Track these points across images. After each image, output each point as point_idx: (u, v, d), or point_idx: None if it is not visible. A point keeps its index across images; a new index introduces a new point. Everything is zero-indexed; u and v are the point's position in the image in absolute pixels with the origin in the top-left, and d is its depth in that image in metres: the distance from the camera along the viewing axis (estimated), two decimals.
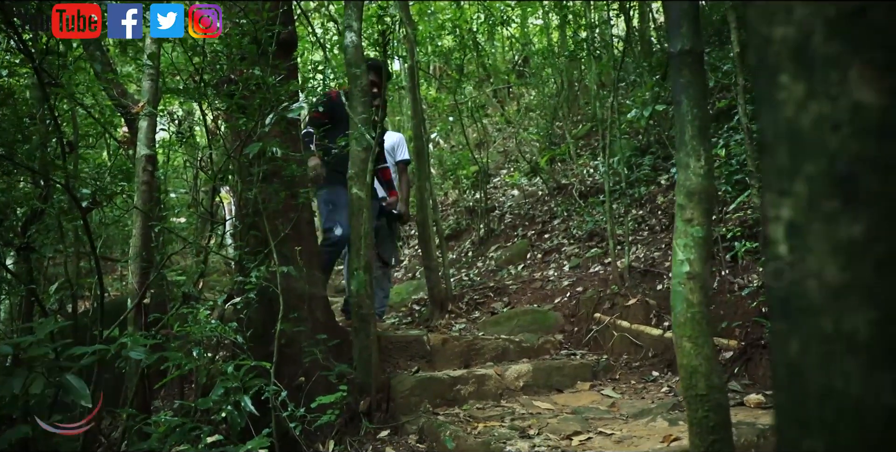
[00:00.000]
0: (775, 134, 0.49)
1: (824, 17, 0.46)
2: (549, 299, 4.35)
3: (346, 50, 3.27)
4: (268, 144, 2.50)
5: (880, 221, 0.43)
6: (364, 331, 3.13)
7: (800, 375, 0.47)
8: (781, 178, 0.49)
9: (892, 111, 0.44)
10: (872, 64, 0.44)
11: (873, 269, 0.43)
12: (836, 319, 0.45)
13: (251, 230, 3.09)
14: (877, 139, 0.44)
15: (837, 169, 0.45)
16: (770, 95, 0.50)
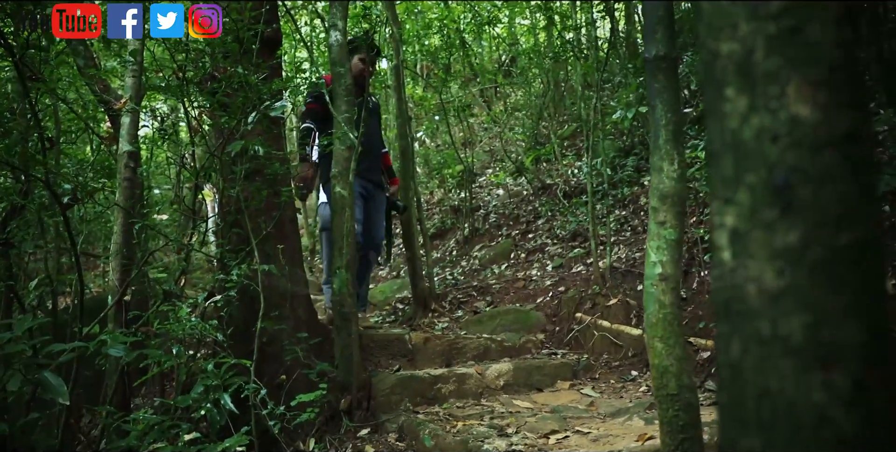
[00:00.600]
0: (721, 144, 0.51)
1: (765, 34, 0.48)
2: (531, 298, 4.38)
3: (331, 49, 3.27)
4: (250, 143, 2.50)
5: (814, 229, 0.46)
6: (346, 329, 3.14)
7: (740, 376, 0.49)
8: (726, 187, 0.51)
9: (825, 125, 0.46)
10: (808, 79, 0.47)
11: (807, 275, 0.46)
12: (773, 322, 0.47)
13: (233, 228, 3.09)
14: (811, 152, 0.46)
15: (776, 179, 0.47)
16: (717, 107, 0.52)
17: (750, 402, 0.48)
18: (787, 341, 0.46)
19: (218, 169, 2.70)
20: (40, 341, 2.19)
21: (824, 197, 0.45)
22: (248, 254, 2.88)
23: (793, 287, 0.46)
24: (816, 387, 0.45)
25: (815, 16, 0.47)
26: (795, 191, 0.46)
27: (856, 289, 0.45)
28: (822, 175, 0.45)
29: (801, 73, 0.47)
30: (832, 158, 0.46)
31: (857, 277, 0.45)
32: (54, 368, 2.10)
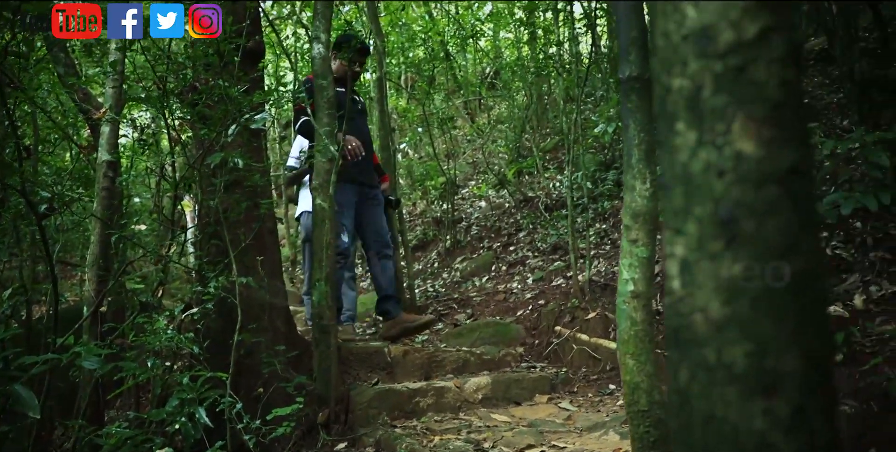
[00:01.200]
0: (672, 177, 0.53)
1: (713, 72, 0.50)
2: (511, 311, 4.40)
3: (314, 61, 3.28)
4: (230, 155, 2.50)
5: (756, 261, 0.47)
6: (324, 342, 3.13)
7: (688, 402, 0.50)
8: (677, 218, 0.52)
9: (769, 161, 0.48)
10: (753, 117, 0.49)
11: (750, 305, 0.47)
12: (719, 351, 0.48)
13: (212, 239, 3.07)
14: (755, 186, 0.48)
15: (721, 213, 0.49)
16: (669, 141, 0.54)
17: (697, 427, 0.50)
18: (731, 368, 0.48)
19: (195, 180, 2.69)
20: (13, 352, 2.16)
21: (767, 230, 0.47)
22: (227, 266, 2.87)
23: (736, 317, 0.48)
24: (758, 414, 0.46)
25: (759, 56, 0.49)
26: (740, 224, 0.48)
27: (796, 319, 0.46)
28: (764, 209, 0.47)
29: (746, 110, 0.49)
30: (775, 193, 0.47)
31: (797, 307, 0.47)
32: (26, 380, 2.07)
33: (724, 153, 0.49)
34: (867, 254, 3.06)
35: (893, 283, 2.82)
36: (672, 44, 0.54)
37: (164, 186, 3.40)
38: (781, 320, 0.46)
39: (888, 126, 3.35)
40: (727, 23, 0.50)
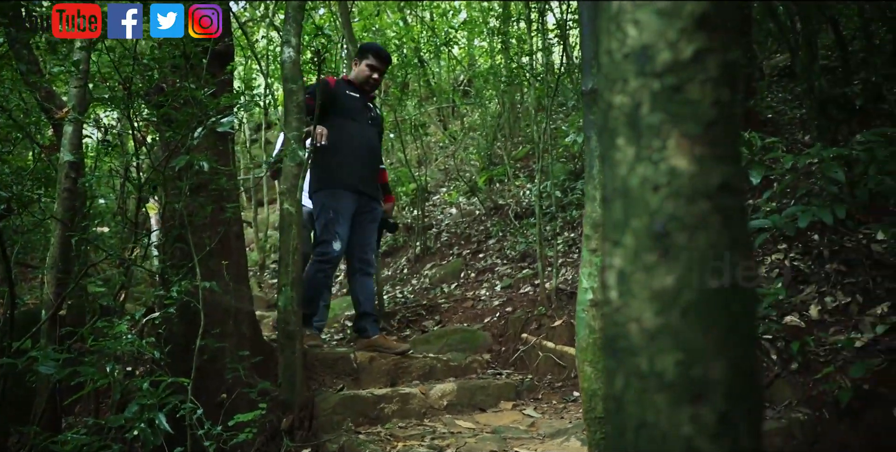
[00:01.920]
0: (612, 190, 0.55)
1: (650, 90, 0.52)
2: (479, 318, 4.41)
3: (284, 65, 3.27)
4: (195, 158, 2.48)
5: (687, 273, 0.49)
6: (290, 348, 3.11)
7: (622, 408, 0.52)
8: (616, 230, 0.54)
9: (701, 177, 0.50)
10: (687, 134, 0.51)
11: (680, 315, 0.49)
12: (651, 359, 0.50)
13: (176, 243, 3.04)
14: (687, 202, 0.50)
15: (656, 226, 0.51)
16: (610, 155, 0.56)
17: (630, 433, 0.51)
18: (661, 376, 0.49)
19: (159, 183, 2.66)
20: None
21: (698, 244, 0.49)
22: (191, 270, 2.83)
23: (667, 327, 0.49)
24: (686, 420, 0.48)
25: (694, 76, 0.51)
26: (672, 237, 0.50)
27: (724, 330, 0.48)
28: (696, 223, 0.49)
29: (681, 128, 0.51)
30: (706, 208, 0.49)
31: (725, 318, 0.49)
32: None
33: (659, 169, 0.51)
34: (823, 266, 3.14)
35: (847, 294, 2.90)
36: (614, 61, 0.55)
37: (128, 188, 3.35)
38: (710, 330, 0.48)
39: (845, 142, 3.46)
40: (665, 43, 0.52)
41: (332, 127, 3.69)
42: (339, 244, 3.61)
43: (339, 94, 3.77)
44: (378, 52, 3.88)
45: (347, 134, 3.75)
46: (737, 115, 0.53)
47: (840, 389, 2.42)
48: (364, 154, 3.79)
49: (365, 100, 3.90)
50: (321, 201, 3.70)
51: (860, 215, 3.25)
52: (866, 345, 2.59)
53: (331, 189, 3.67)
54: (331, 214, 3.63)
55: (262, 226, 8.39)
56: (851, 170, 3.04)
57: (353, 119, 3.79)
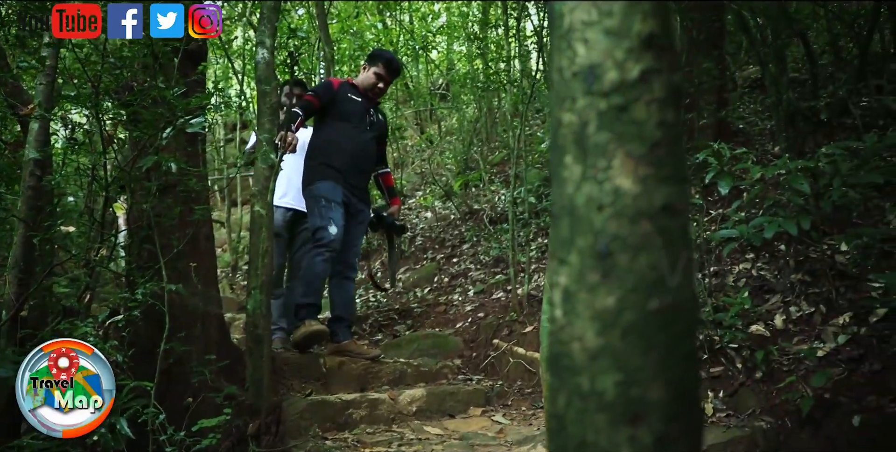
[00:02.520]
0: (560, 208, 0.55)
1: (597, 109, 0.52)
2: (451, 323, 4.41)
3: (258, 66, 3.24)
4: (163, 158, 2.44)
5: (628, 294, 0.49)
6: (258, 351, 3.06)
7: (564, 427, 0.52)
8: (562, 248, 0.54)
9: (644, 197, 0.50)
10: (632, 154, 0.51)
11: (621, 336, 0.49)
12: (592, 379, 0.50)
13: (144, 244, 2.99)
14: (630, 222, 0.50)
15: (599, 246, 0.51)
16: (559, 173, 0.56)
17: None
18: (602, 396, 0.49)
19: (126, 183, 2.62)
20: None
21: (639, 265, 0.49)
22: (157, 272, 2.79)
23: (608, 347, 0.49)
24: (624, 441, 0.48)
25: (640, 96, 0.51)
26: (615, 258, 0.50)
27: (663, 351, 0.48)
28: (638, 244, 0.49)
29: (626, 148, 0.51)
30: (648, 229, 0.50)
31: (664, 340, 0.49)
32: None
33: (604, 188, 0.51)
34: (789, 276, 3.20)
35: (811, 304, 2.95)
36: (564, 79, 0.56)
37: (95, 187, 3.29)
38: (649, 351, 0.48)
39: (811, 154, 3.52)
40: (613, 63, 0.52)
41: (328, 128, 3.75)
42: (335, 229, 3.54)
43: (340, 96, 3.78)
44: (389, 62, 3.87)
45: (341, 137, 3.76)
46: (681, 136, 0.53)
47: (802, 398, 2.46)
48: (354, 158, 3.77)
49: (366, 105, 3.88)
50: (313, 193, 3.67)
51: (825, 226, 3.31)
52: (828, 355, 2.64)
53: (326, 182, 3.66)
54: (323, 202, 3.60)
55: (235, 227, 8.30)
56: (817, 182, 3.09)
57: (349, 122, 3.79)
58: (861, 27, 4.61)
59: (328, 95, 3.73)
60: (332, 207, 3.59)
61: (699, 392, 0.49)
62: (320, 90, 3.76)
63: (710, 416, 2.66)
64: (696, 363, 0.50)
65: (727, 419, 2.63)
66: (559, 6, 0.57)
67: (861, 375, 2.52)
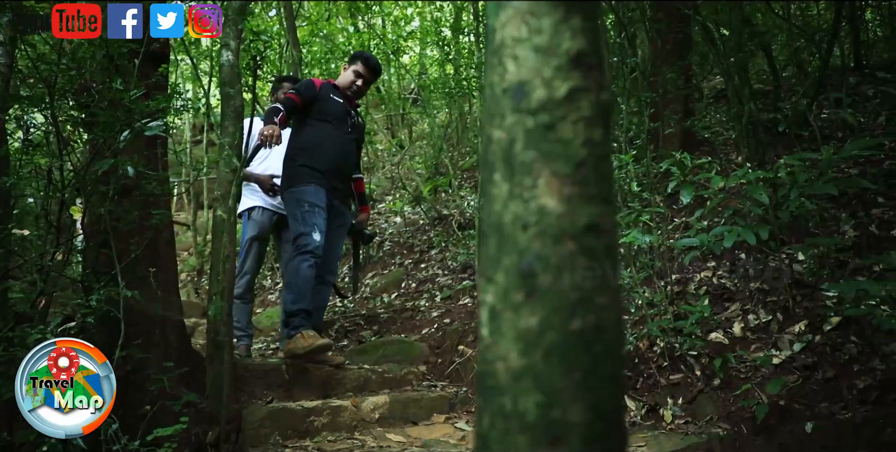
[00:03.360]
0: (489, 225, 0.55)
1: (524, 127, 0.52)
2: (417, 329, 4.39)
3: (222, 69, 3.19)
4: (120, 162, 2.39)
5: (551, 314, 0.49)
6: (218, 358, 3.02)
7: (487, 447, 0.51)
8: (490, 266, 0.54)
9: (568, 217, 0.50)
10: (557, 173, 0.51)
11: (542, 357, 0.49)
12: (514, 399, 0.49)
13: (101, 249, 2.92)
14: (553, 242, 0.50)
15: (523, 265, 0.50)
16: (488, 190, 0.55)
17: None
18: (523, 417, 0.49)
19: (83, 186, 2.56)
20: None
21: (562, 285, 0.49)
22: (113, 277, 2.73)
23: (531, 368, 0.49)
24: None
25: (567, 115, 0.51)
26: (538, 278, 0.49)
27: (585, 372, 0.48)
28: (561, 264, 0.49)
29: (552, 167, 0.51)
30: (571, 249, 0.49)
31: (587, 361, 0.48)
32: None
33: (529, 207, 0.51)
34: (748, 284, 3.25)
35: (769, 312, 3.01)
36: (495, 95, 0.55)
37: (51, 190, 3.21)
38: (570, 372, 0.48)
39: (771, 165, 3.59)
40: (541, 80, 0.52)
41: (309, 128, 3.66)
42: (318, 235, 3.43)
43: (322, 96, 3.70)
44: (367, 59, 3.81)
45: (323, 137, 3.67)
46: (609, 154, 0.53)
47: (757, 405, 2.50)
48: (336, 160, 3.68)
49: (347, 106, 3.79)
50: (295, 197, 3.55)
51: (783, 235, 3.38)
52: (784, 362, 2.69)
53: (308, 185, 3.55)
54: (306, 206, 3.48)
55: (201, 230, 8.17)
56: (776, 192, 3.15)
57: (331, 123, 3.70)
58: (822, 41, 4.73)
59: (309, 93, 3.65)
60: (315, 212, 3.48)
61: (622, 413, 0.49)
62: (302, 88, 3.68)
63: (668, 423, 2.69)
64: (620, 384, 0.50)
65: (685, 426, 2.66)
66: (492, 21, 0.57)
67: (815, 382, 2.57)
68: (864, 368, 2.53)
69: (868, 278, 2.91)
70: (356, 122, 3.86)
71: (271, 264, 7.21)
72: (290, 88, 3.99)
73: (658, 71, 4.73)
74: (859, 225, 3.32)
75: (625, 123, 3.81)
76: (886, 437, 2.20)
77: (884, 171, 3.86)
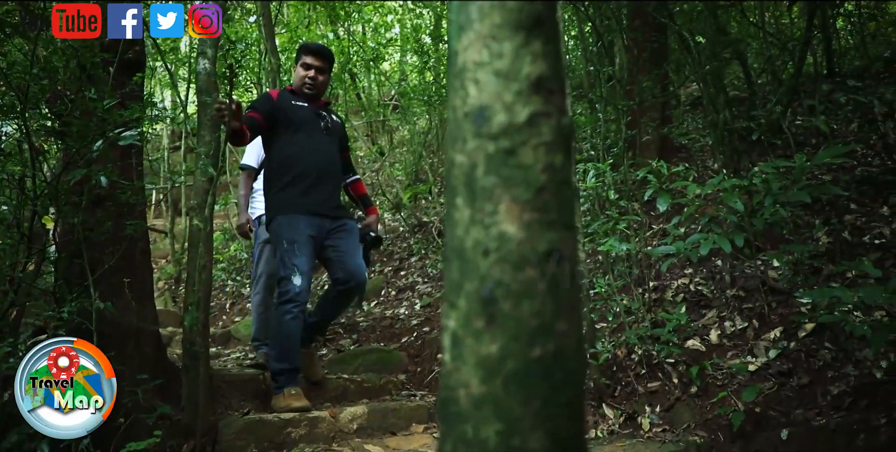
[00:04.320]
0: (451, 250, 0.54)
1: (485, 152, 0.52)
2: (396, 338, 4.38)
3: (198, 77, 3.17)
4: (93, 172, 2.36)
5: (510, 342, 0.49)
6: (194, 369, 2.98)
7: None
8: (452, 291, 0.53)
9: (528, 243, 0.50)
10: (517, 199, 0.50)
11: (502, 385, 0.48)
12: (476, 427, 0.49)
13: (74, 259, 2.88)
14: (514, 268, 0.49)
15: (484, 292, 0.50)
16: (451, 214, 0.55)
17: None
18: (484, 445, 0.48)
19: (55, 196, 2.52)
20: None
21: (522, 312, 0.49)
22: (86, 288, 2.68)
23: (491, 396, 0.49)
24: None
25: (528, 140, 0.51)
26: (499, 304, 0.49)
27: (544, 400, 0.48)
28: (521, 291, 0.49)
29: (512, 192, 0.50)
30: (532, 276, 0.49)
31: (546, 388, 0.48)
32: None
33: (490, 233, 0.51)
34: (725, 291, 3.28)
35: (745, 319, 3.04)
36: (457, 119, 0.55)
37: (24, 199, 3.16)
38: (530, 400, 0.48)
39: (746, 172, 3.64)
40: (502, 105, 0.52)
41: (279, 146, 3.28)
42: (299, 279, 3.07)
43: (281, 106, 3.29)
44: (306, 46, 3.41)
45: (294, 150, 3.27)
46: (570, 180, 0.53)
47: (734, 412, 2.52)
48: (318, 170, 3.26)
49: (314, 109, 3.37)
50: (274, 232, 3.21)
51: (759, 242, 3.42)
52: (759, 369, 2.71)
53: (284, 216, 3.17)
54: (285, 245, 3.12)
55: (179, 237, 8.08)
56: (751, 199, 3.19)
57: (300, 132, 3.29)
58: (794, 49, 4.81)
59: (267, 106, 3.25)
60: (294, 251, 3.10)
61: (582, 440, 0.49)
62: (257, 104, 3.29)
63: (646, 431, 2.70)
64: (580, 411, 0.50)
65: (663, 433, 2.68)
66: (454, 44, 0.57)
67: (790, 388, 2.59)
68: (838, 374, 2.56)
69: (841, 284, 2.96)
70: (329, 122, 3.43)
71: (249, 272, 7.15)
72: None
73: (635, 79, 4.77)
74: (833, 231, 3.37)
75: (602, 131, 3.84)
76: (860, 443, 2.23)
77: (856, 177, 3.93)
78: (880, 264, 3.01)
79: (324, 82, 3.41)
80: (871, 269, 2.58)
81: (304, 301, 3.13)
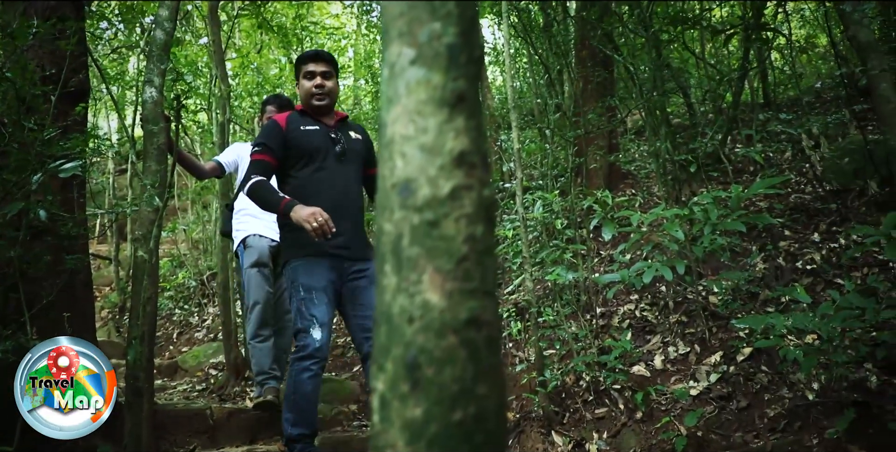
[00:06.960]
0: (380, 314, 0.57)
1: (411, 223, 0.55)
2: (347, 367, 4.34)
3: (145, 105, 3.13)
4: (30, 205, 2.30)
5: (433, 406, 0.51)
6: (137, 405, 2.90)
7: None
8: (380, 354, 0.56)
9: (449, 312, 0.53)
10: (440, 269, 0.53)
11: (426, 447, 0.51)
12: None
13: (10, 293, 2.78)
14: (436, 335, 0.52)
15: (408, 357, 0.53)
16: (380, 280, 0.57)
17: None
18: None
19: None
20: None
21: (444, 377, 0.51)
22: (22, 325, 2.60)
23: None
24: None
25: (450, 212, 0.54)
26: (422, 370, 0.52)
27: None
28: (444, 357, 0.52)
29: (435, 263, 0.53)
30: (453, 343, 0.52)
31: (467, 451, 0.51)
32: None
33: (415, 301, 0.53)
34: (668, 317, 3.38)
35: (687, 344, 3.13)
36: (385, 189, 0.58)
37: None
38: None
39: (687, 200, 3.78)
40: (426, 179, 0.55)
41: (292, 180, 2.90)
42: (319, 332, 2.70)
43: (292, 134, 2.89)
44: (305, 55, 3.02)
45: (313, 183, 2.86)
46: (492, 248, 0.56)
47: (677, 437, 2.58)
48: (338, 204, 2.82)
49: (327, 129, 2.94)
50: (291, 277, 2.84)
51: (700, 269, 3.54)
52: (701, 393, 2.80)
53: (301, 260, 2.81)
54: (302, 293, 2.75)
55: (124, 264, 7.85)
56: (692, 228, 3.32)
57: (311, 164, 2.89)
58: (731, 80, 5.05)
59: (278, 141, 2.86)
60: (313, 299, 2.74)
61: None
62: (267, 141, 2.86)
63: None
64: None
65: None
66: (384, 115, 0.60)
67: (729, 412, 2.68)
68: (774, 396, 2.66)
69: (776, 308, 3.08)
70: (345, 143, 2.96)
71: (198, 300, 7.00)
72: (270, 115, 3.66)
73: (581, 110, 4.92)
74: (768, 257, 3.52)
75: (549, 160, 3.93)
76: None
77: (790, 205, 4.12)
78: (812, 288, 3.16)
79: (333, 88, 3.00)
80: (803, 295, 2.70)
81: (324, 357, 2.78)
